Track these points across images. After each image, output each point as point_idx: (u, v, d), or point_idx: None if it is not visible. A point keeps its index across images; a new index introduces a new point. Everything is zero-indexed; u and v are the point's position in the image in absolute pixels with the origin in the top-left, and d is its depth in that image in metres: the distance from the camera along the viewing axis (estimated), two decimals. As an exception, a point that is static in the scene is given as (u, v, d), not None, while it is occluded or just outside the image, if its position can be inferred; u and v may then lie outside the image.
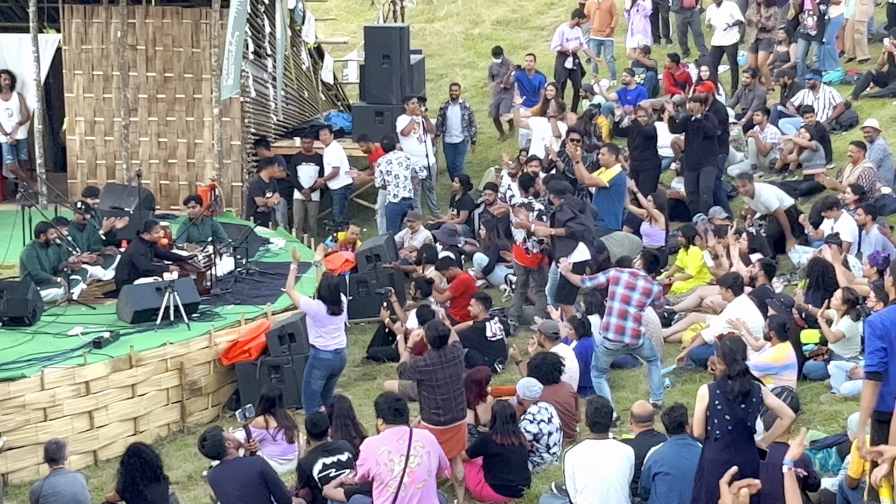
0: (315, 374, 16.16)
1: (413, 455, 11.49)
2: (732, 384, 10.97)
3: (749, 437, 10.89)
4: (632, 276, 15.56)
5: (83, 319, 17.71)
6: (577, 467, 12.23)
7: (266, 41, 24.08)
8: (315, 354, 16.13)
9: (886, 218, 19.84)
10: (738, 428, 10.88)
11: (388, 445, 11.56)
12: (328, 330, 16.04)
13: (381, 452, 11.52)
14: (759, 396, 10.91)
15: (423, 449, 11.55)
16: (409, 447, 11.53)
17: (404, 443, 11.54)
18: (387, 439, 11.66)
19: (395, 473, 11.44)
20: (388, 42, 25.21)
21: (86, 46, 23.70)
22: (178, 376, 16.99)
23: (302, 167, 23.60)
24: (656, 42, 30.44)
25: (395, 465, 11.47)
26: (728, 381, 11.04)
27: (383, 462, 11.46)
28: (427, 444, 11.65)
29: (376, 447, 11.61)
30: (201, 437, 12.81)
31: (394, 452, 11.49)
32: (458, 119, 25.48)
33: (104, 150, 23.86)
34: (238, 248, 20.02)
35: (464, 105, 25.74)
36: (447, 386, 13.32)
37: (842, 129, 24.31)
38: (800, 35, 26.78)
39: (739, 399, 10.90)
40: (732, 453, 10.89)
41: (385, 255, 20.79)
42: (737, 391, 10.95)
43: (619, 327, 15.37)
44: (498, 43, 32.14)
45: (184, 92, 23.64)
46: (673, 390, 16.17)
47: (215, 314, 18.09)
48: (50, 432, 15.14)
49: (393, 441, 11.58)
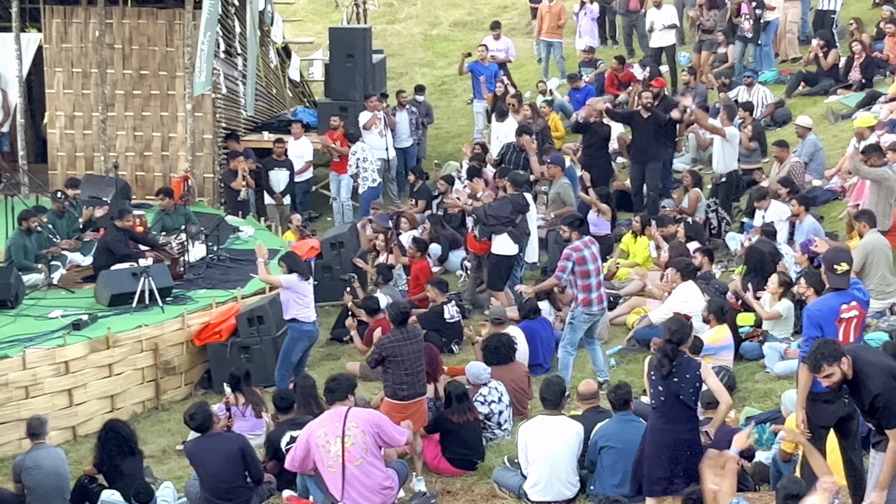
0: (298, 347, 16.23)
1: (347, 435, 11.52)
2: (660, 358, 10.90)
3: (682, 409, 10.76)
4: (587, 248, 15.31)
5: (63, 303, 17.64)
6: (529, 441, 12.28)
7: (236, 41, 23.98)
8: (299, 328, 16.15)
9: (818, 209, 19.94)
10: (671, 400, 10.77)
11: (325, 428, 11.62)
12: (307, 301, 16.11)
13: (319, 434, 11.57)
14: (695, 374, 10.73)
15: (357, 429, 11.56)
16: (344, 427, 11.55)
17: (339, 424, 11.56)
18: (323, 422, 11.72)
19: (333, 454, 11.47)
20: (352, 42, 25.17)
21: (66, 45, 23.56)
22: (153, 356, 16.95)
23: (274, 172, 23.41)
24: (603, 43, 30.50)
25: (332, 445, 11.51)
26: (660, 356, 10.96)
27: (321, 444, 11.51)
28: (361, 423, 11.65)
29: (316, 429, 11.66)
30: (190, 411, 12.73)
31: (329, 434, 11.56)
32: (407, 124, 25.39)
33: (83, 142, 23.74)
34: (210, 235, 19.97)
35: (411, 110, 25.61)
36: (411, 361, 13.37)
37: (776, 126, 24.45)
38: (737, 37, 26.91)
39: (666, 373, 10.78)
40: (666, 423, 10.87)
41: (348, 242, 20.78)
42: (658, 365, 10.83)
43: (599, 297, 15.40)
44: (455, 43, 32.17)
45: (158, 88, 23.53)
46: (618, 369, 16.23)
47: (188, 298, 18.05)
48: (31, 409, 15.09)
49: (329, 423, 11.63)
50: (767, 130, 23.81)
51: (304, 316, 16.11)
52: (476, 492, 13.02)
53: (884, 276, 16.18)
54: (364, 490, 11.62)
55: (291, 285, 16.04)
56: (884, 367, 9.51)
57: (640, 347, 16.55)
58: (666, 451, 10.81)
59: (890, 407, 9.34)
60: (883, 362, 9.66)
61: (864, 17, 26.64)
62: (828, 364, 9.49)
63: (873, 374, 9.45)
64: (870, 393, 9.42)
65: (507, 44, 27.69)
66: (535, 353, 16.28)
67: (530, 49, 31.54)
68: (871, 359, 9.67)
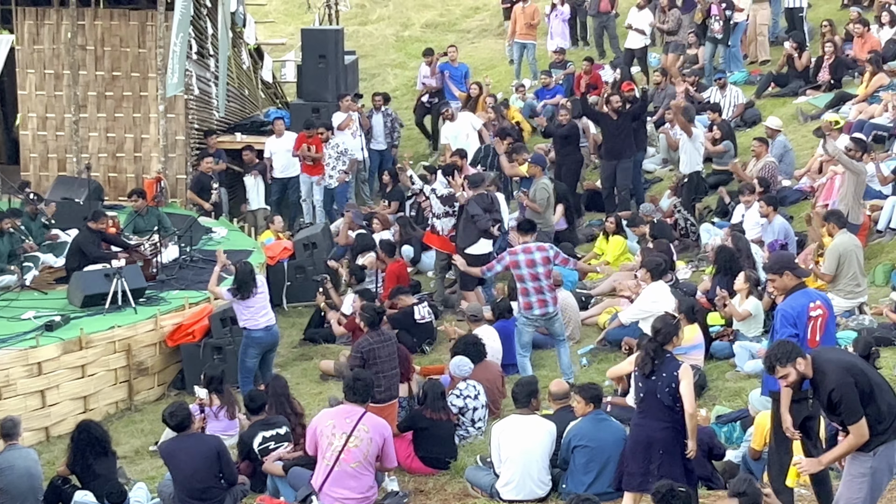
0: (250, 353, 16.17)
1: (354, 436, 11.52)
2: (643, 356, 10.94)
3: (660, 408, 10.80)
4: (526, 253, 15.39)
5: (36, 304, 17.57)
6: (501, 440, 12.33)
7: (209, 42, 23.95)
8: (248, 335, 16.15)
9: (787, 208, 20.03)
10: (649, 398, 10.85)
11: (335, 420, 11.63)
12: (255, 310, 16.05)
13: (327, 424, 11.59)
14: (672, 373, 10.76)
15: (367, 434, 11.58)
16: (354, 428, 11.56)
17: (351, 422, 11.57)
18: (336, 414, 11.74)
19: (334, 447, 11.49)
20: (324, 43, 25.19)
21: (38, 46, 23.50)
22: (126, 357, 16.90)
23: (248, 178, 23.38)
24: (574, 45, 30.54)
25: (336, 439, 11.52)
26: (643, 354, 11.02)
27: (327, 434, 11.53)
28: (373, 429, 11.66)
29: (325, 419, 11.68)
30: (170, 409, 12.67)
31: (338, 428, 11.56)
32: (382, 127, 25.37)
33: (55, 144, 23.67)
34: (182, 236, 19.94)
35: (387, 112, 25.61)
36: (387, 363, 13.44)
37: (746, 126, 24.54)
38: (707, 39, 27.02)
39: (648, 372, 10.86)
40: (643, 419, 10.94)
41: (321, 242, 20.78)
42: (641, 363, 10.91)
43: (542, 301, 15.40)
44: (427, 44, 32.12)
45: (131, 90, 23.49)
46: (589, 369, 16.29)
47: (161, 299, 17.99)
48: (4, 410, 15.00)
49: (341, 418, 11.63)
50: (737, 131, 23.90)
51: (252, 324, 16.10)
52: (448, 491, 13.04)
53: (854, 276, 16.28)
54: (346, 491, 11.63)
55: (230, 299, 16.14)
56: (841, 364, 9.58)
57: (612, 347, 16.60)
58: (640, 447, 10.88)
59: (846, 402, 9.40)
60: (842, 359, 9.74)
61: (833, 17, 26.75)
62: (780, 365, 9.59)
63: (830, 370, 9.53)
64: (826, 389, 9.50)
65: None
66: (510, 352, 16.32)
67: (502, 50, 31.57)
68: (831, 357, 9.76)
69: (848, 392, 9.42)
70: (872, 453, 9.53)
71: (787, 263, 11.13)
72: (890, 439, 9.50)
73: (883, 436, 9.48)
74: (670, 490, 9.54)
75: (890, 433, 9.48)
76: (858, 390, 9.40)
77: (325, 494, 11.60)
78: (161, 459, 13.09)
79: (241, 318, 16.21)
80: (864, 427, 9.39)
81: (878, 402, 9.47)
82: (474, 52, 32.12)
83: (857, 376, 9.46)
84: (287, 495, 12.07)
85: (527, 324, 15.58)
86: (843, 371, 9.49)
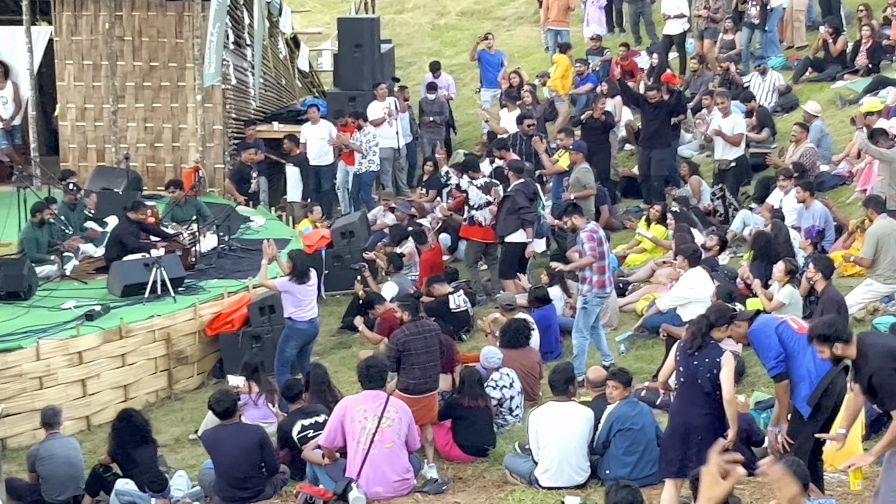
0: (291, 344, 16.20)
1: (386, 417, 11.54)
2: (692, 332, 10.93)
3: (699, 394, 10.77)
4: (600, 231, 15.73)
5: (76, 294, 17.64)
6: (539, 427, 12.29)
7: (245, 32, 23.97)
8: (291, 326, 16.15)
9: (825, 193, 19.90)
10: (689, 382, 10.82)
11: (365, 405, 11.65)
12: (304, 302, 16.08)
13: (358, 410, 11.60)
14: (714, 360, 10.72)
15: (396, 414, 11.62)
16: (384, 410, 11.57)
17: (380, 405, 11.59)
18: (364, 399, 11.76)
19: (368, 431, 11.50)
20: (360, 32, 25.19)
21: (76, 37, 23.53)
22: (166, 346, 16.96)
23: (290, 168, 23.37)
24: (610, 31, 30.43)
25: (368, 423, 11.53)
26: (692, 330, 11.01)
27: (358, 419, 11.53)
28: (400, 411, 11.71)
29: (353, 405, 11.68)
30: (217, 396, 12.70)
31: (369, 412, 11.58)
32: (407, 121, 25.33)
33: (94, 134, 23.72)
34: (221, 225, 19.98)
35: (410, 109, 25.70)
36: (425, 355, 13.38)
37: (783, 112, 24.42)
38: (744, 24, 26.88)
39: (693, 351, 10.81)
40: (682, 405, 10.93)
41: (358, 231, 20.78)
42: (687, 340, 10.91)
43: (610, 280, 15.79)
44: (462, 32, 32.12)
45: (168, 80, 23.52)
46: (628, 356, 16.24)
47: (200, 288, 18.05)
48: (45, 399, 15.10)
49: (369, 402, 11.66)
50: (775, 116, 23.80)
51: (298, 316, 16.12)
52: (487, 478, 13.01)
53: (893, 260, 16.15)
54: (385, 473, 11.65)
55: (286, 288, 16.10)
56: (885, 349, 9.54)
57: (649, 334, 16.55)
58: (678, 434, 10.84)
59: (887, 387, 9.36)
60: (887, 345, 9.70)
61: (870, 2, 26.56)
62: (819, 343, 9.65)
63: (872, 354, 9.52)
64: (867, 373, 9.50)
65: (448, 80, 27.12)
66: (548, 341, 16.30)
67: (538, 38, 31.49)
68: (875, 341, 9.76)
69: (887, 377, 9.36)
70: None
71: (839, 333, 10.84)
72: None
73: None
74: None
75: None
76: None
77: (364, 479, 11.61)
78: (201, 448, 13.12)
79: (287, 308, 16.21)
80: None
81: None
82: (510, 40, 32.07)
83: None
84: (326, 483, 12.08)
85: (599, 303, 15.69)
86: (885, 356, 9.44)
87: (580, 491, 11.93)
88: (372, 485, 11.79)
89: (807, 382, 10.65)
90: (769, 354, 10.79)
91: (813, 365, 10.58)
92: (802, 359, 10.66)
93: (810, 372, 10.61)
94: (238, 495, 12.21)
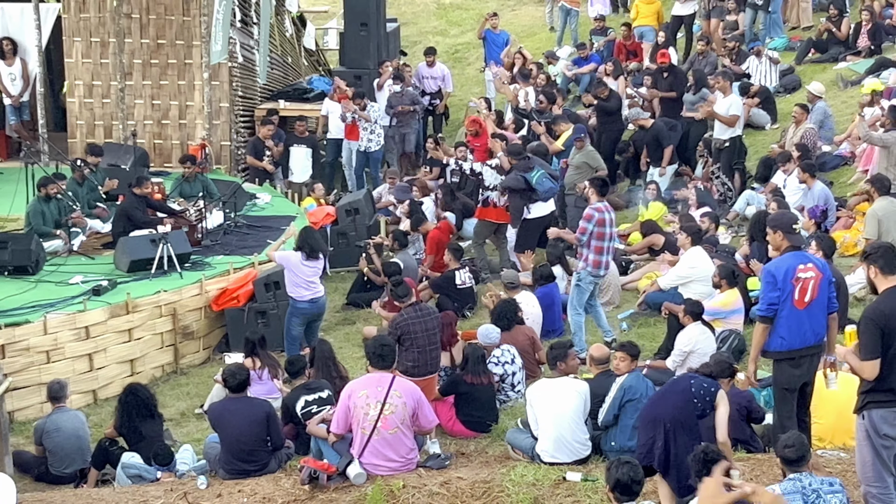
0: (294, 322, 16.27)
1: (389, 403, 11.49)
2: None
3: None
4: (608, 212, 15.57)
5: (83, 269, 17.65)
6: (535, 403, 12.27)
7: (252, 10, 23.94)
8: (293, 304, 16.24)
9: (827, 174, 19.88)
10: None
11: (368, 390, 11.58)
12: (306, 282, 16.14)
13: (361, 395, 11.54)
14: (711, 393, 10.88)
15: (400, 399, 11.54)
16: (387, 395, 11.53)
17: (383, 390, 11.54)
18: (367, 383, 11.68)
19: (371, 417, 11.47)
20: (366, 11, 25.14)
21: (84, 15, 23.49)
22: (172, 321, 16.97)
23: (294, 148, 23.20)
24: (615, 11, 30.38)
25: (371, 409, 11.49)
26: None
27: (361, 405, 11.48)
28: (405, 394, 11.62)
29: (357, 390, 11.62)
30: (231, 370, 12.66)
31: (371, 397, 11.51)
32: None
33: (102, 111, 23.70)
34: (227, 202, 19.98)
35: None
36: (424, 339, 13.44)
37: (786, 92, 24.39)
38: (748, 5, 26.83)
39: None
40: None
41: (363, 209, 20.77)
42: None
43: (607, 262, 15.66)
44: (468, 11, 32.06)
45: (175, 57, 23.48)
46: (630, 333, 16.24)
47: (206, 264, 18.05)
48: (52, 373, 15.13)
49: (373, 386, 11.59)
50: (778, 97, 23.78)
51: (298, 294, 16.17)
52: (490, 454, 13.01)
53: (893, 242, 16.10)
54: (387, 454, 11.63)
55: (284, 262, 16.17)
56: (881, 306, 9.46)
57: (651, 311, 16.57)
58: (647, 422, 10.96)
59: (861, 335, 9.42)
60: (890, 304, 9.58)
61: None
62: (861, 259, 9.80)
63: (874, 302, 9.56)
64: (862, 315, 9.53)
65: (443, 71, 26.65)
66: (552, 318, 16.29)
67: (542, 17, 31.44)
68: (883, 297, 9.61)
69: (865, 325, 9.40)
70: (861, 416, 9.46)
71: (783, 224, 11.00)
72: (886, 407, 9.40)
73: (871, 395, 9.43)
74: (705, 450, 9.42)
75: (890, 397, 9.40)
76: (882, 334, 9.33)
77: (363, 463, 11.60)
78: (206, 422, 13.13)
79: (288, 286, 16.29)
80: (870, 368, 9.36)
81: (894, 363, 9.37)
82: (514, 20, 32.01)
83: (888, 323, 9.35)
84: (330, 457, 12.08)
85: (592, 281, 15.64)
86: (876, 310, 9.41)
87: (582, 466, 11.92)
88: (372, 468, 11.75)
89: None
90: (767, 296, 10.74)
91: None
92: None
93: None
94: (243, 468, 12.21)
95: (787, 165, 18.97)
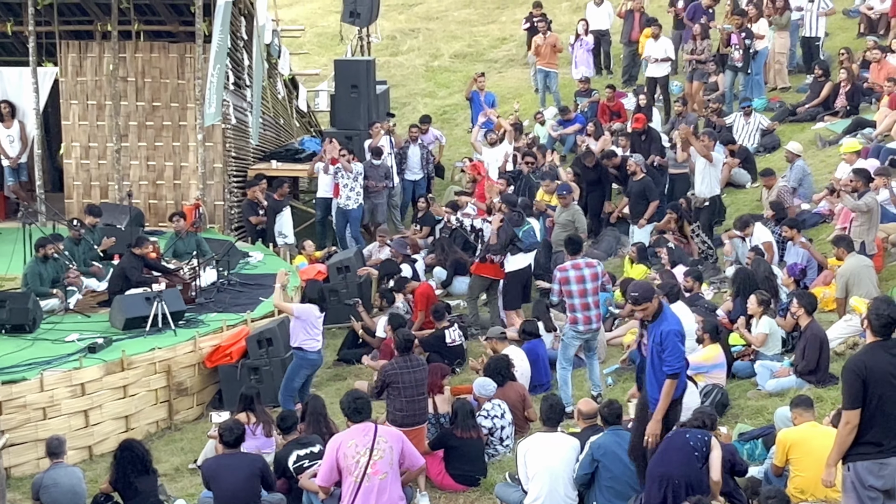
0: (301, 374, 16.25)
1: (377, 448, 11.50)
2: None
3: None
4: (575, 269, 15.50)
5: (79, 327, 17.68)
6: (528, 457, 12.28)
7: (245, 73, 24.05)
8: (303, 356, 16.16)
9: (807, 231, 19.99)
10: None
11: (356, 439, 11.59)
12: (315, 333, 16.15)
13: (350, 445, 11.53)
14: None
15: (387, 444, 11.55)
16: (374, 441, 11.55)
17: (369, 437, 11.55)
18: (354, 433, 11.68)
19: (361, 464, 11.47)
20: (356, 74, 25.27)
21: (81, 78, 23.65)
22: (166, 378, 16.99)
23: (282, 212, 23.15)
24: (598, 73, 30.57)
25: (361, 456, 11.49)
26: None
27: (351, 454, 11.47)
28: (390, 439, 11.64)
29: (346, 440, 11.63)
30: (228, 425, 12.74)
31: (360, 445, 11.52)
32: (418, 158, 25.32)
33: (98, 172, 23.80)
34: (220, 260, 20.02)
35: (423, 144, 25.59)
36: (412, 389, 13.48)
37: (766, 151, 24.55)
38: (728, 67, 27.05)
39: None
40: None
41: (354, 266, 20.81)
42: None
43: (587, 318, 15.52)
44: (456, 74, 32.22)
45: (170, 119, 23.61)
46: (615, 388, 16.26)
47: (200, 321, 18.09)
48: (49, 430, 15.10)
49: (359, 435, 11.59)
50: (758, 156, 23.94)
51: (309, 346, 16.14)
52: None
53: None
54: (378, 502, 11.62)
55: (303, 315, 16.08)
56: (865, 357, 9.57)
57: (635, 367, 16.57)
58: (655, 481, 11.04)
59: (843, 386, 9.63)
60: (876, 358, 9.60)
61: (850, 46, 26.75)
62: None
63: (856, 354, 9.83)
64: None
65: (437, 135, 26.83)
66: (538, 373, 16.34)
67: (528, 79, 31.62)
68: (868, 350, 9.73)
69: (847, 376, 9.50)
70: (847, 468, 9.51)
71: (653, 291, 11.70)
72: (871, 458, 9.45)
73: (855, 447, 9.48)
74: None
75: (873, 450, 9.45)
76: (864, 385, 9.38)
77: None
78: (200, 477, 13.11)
79: (299, 338, 16.14)
80: (850, 418, 9.42)
81: (877, 415, 9.41)
82: (501, 82, 32.18)
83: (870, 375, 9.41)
84: (321, 511, 12.08)
85: (574, 338, 15.65)
86: (858, 361, 9.48)
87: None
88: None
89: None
90: (679, 355, 11.36)
91: None
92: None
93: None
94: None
95: (747, 230, 18.99)
